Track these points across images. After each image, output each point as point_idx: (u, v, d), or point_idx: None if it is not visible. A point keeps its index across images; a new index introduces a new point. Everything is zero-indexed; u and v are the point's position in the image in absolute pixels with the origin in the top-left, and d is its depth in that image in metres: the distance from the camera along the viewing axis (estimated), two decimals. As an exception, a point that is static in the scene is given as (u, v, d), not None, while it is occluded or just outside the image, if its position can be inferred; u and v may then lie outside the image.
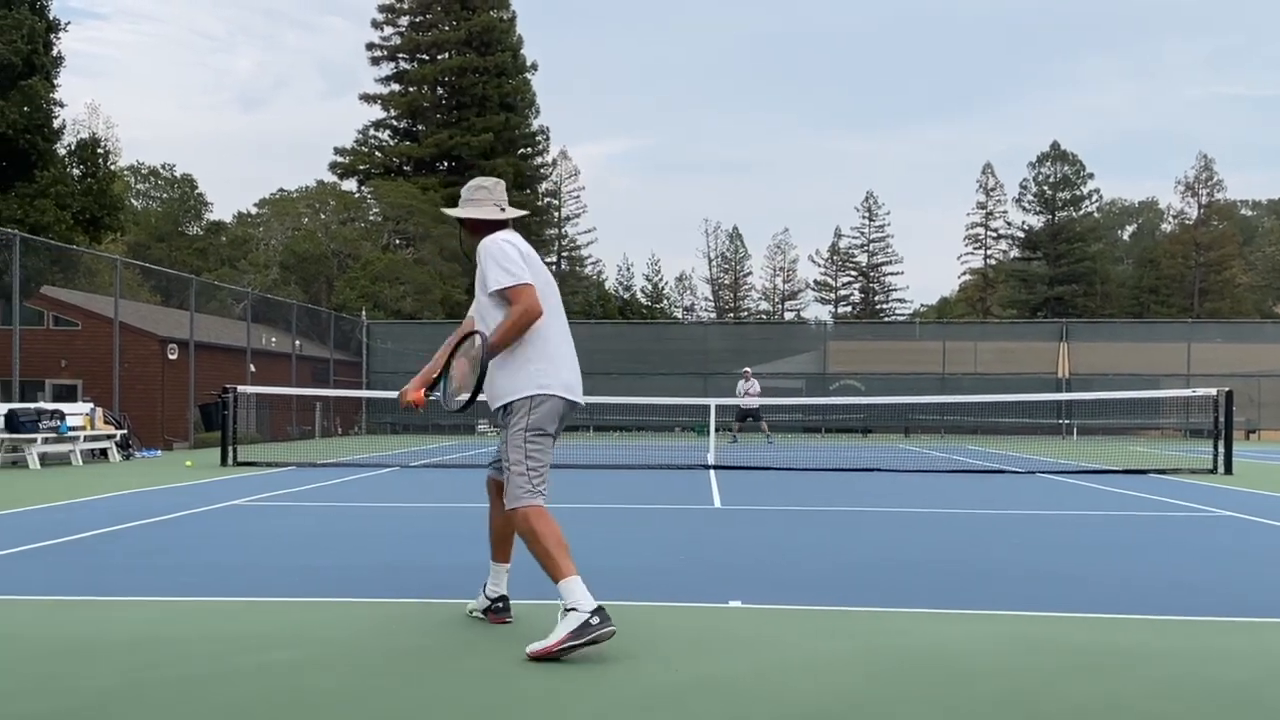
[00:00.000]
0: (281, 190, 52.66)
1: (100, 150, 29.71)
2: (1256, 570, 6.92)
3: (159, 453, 20.72)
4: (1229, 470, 15.39)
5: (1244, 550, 7.87)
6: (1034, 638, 4.68)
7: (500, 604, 4.92)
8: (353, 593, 5.75)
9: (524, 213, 5.04)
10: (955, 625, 4.94)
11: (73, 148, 28.95)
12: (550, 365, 4.65)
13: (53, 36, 26.63)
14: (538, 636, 4.32)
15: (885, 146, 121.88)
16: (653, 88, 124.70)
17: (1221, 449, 15.75)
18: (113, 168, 32.29)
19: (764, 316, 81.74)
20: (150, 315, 28.34)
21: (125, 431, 18.90)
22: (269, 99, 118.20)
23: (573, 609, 4.26)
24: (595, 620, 4.23)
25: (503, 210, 4.94)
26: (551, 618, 4.34)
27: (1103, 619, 5.13)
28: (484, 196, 4.97)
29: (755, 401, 24.74)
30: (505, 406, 4.65)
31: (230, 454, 16.54)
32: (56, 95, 26.58)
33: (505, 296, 4.57)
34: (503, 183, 5.09)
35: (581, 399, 4.79)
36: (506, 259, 4.62)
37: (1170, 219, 79.84)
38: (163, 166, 68.75)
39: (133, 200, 61.67)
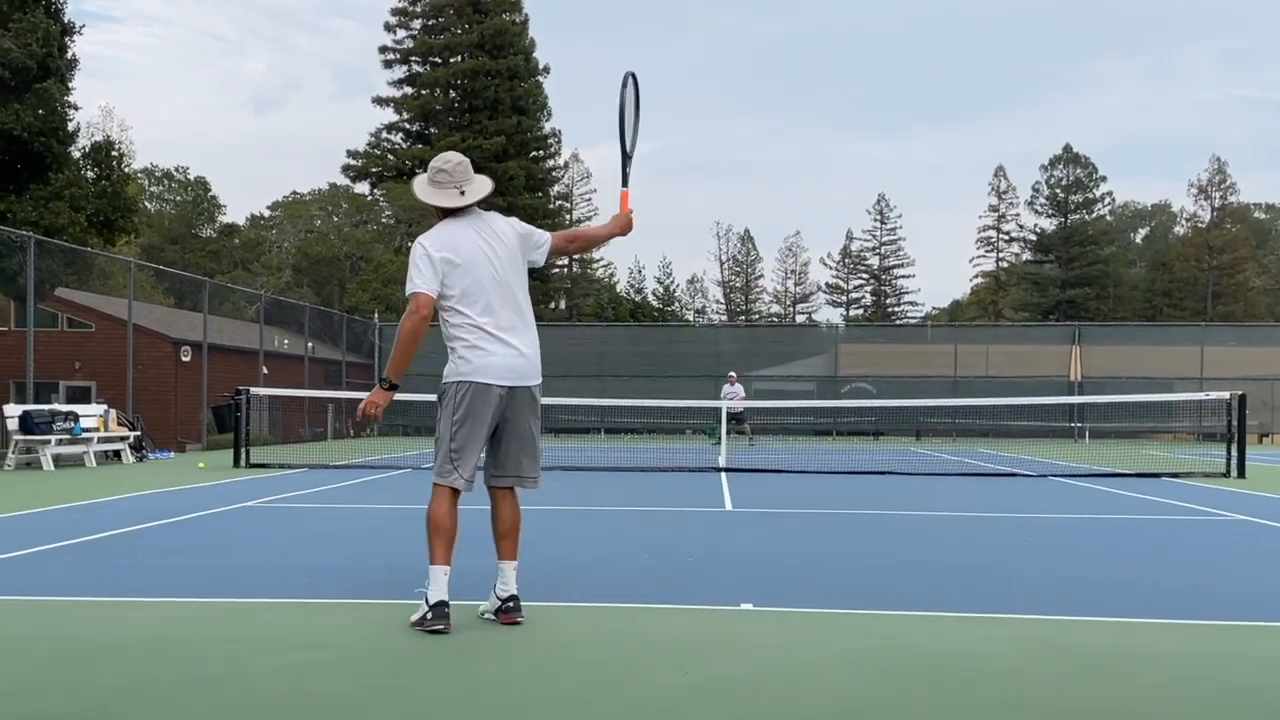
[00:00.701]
0: (294, 193, 52.95)
1: (114, 153, 29.81)
2: (1268, 574, 6.91)
3: (172, 454, 20.80)
4: (1242, 474, 15.34)
5: (1256, 554, 7.86)
6: (1043, 641, 4.68)
7: (510, 603, 4.93)
8: (366, 594, 5.78)
9: (483, 194, 5.04)
10: (965, 629, 4.95)
11: (87, 150, 29.06)
12: (473, 353, 4.88)
13: (67, 39, 26.73)
14: (549, 637, 4.33)
15: (897, 149, 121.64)
16: (664, 90, 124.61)
17: (1234, 452, 15.69)
18: (126, 170, 32.41)
19: (775, 319, 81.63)
20: (164, 317, 28.47)
21: (139, 433, 18.98)
22: (281, 101, 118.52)
23: (424, 594, 4.76)
24: (430, 615, 4.69)
25: (462, 194, 4.97)
26: (559, 617, 4.36)
27: (1112, 622, 5.14)
28: (444, 180, 5.01)
29: (740, 405, 24.76)
30: (440, 392, 5.00)
31: (243, 456, 16.60)
32: (71, 98, 26.66)
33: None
34: (466, 161, 5.07)
35: (505, 381, 4.86)
36: (414, 264, 4.93)
37: (1183, 222, 79.48)
38: (176, 169, 69.05)
39: (146, 203, 61.90)
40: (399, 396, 5.52)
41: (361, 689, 3.86)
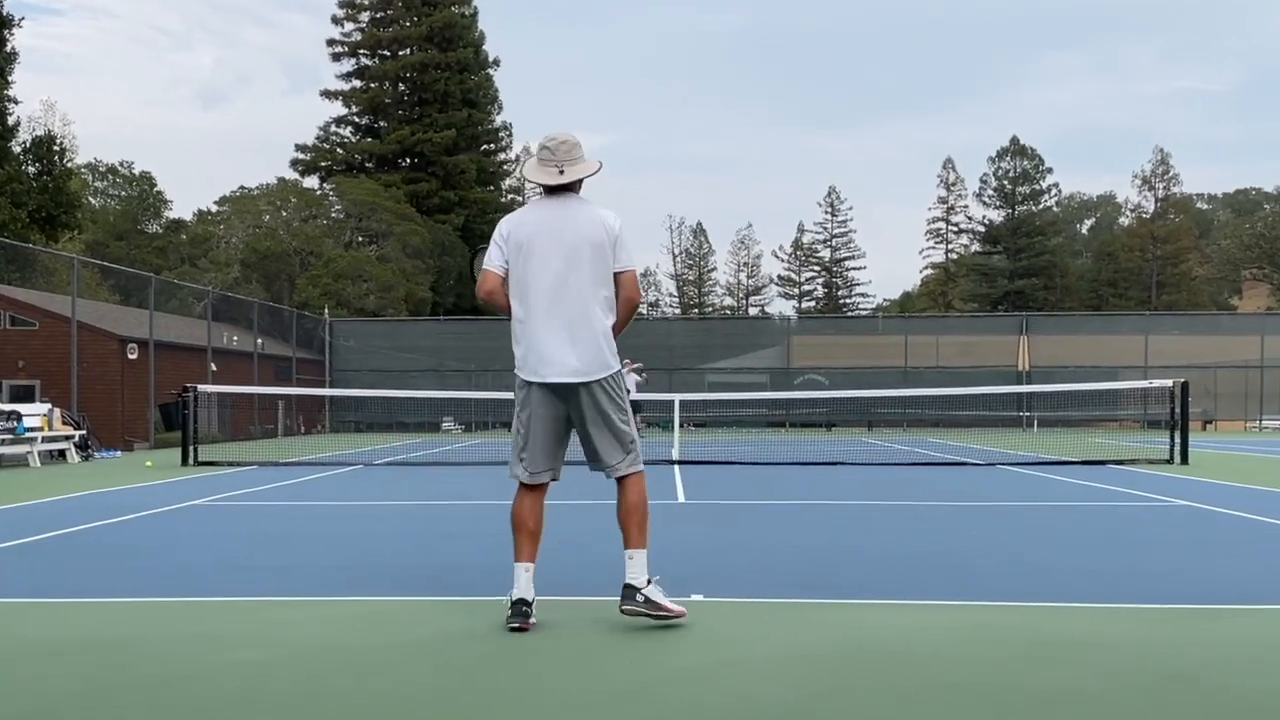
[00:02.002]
0: (242, 188, 52.27)
1: (56, 147, 29.37)
2: (1210, 559, 7.04)
3: (119, 453, 20.52)
4: (1185, 460, 15.61)
5: (1198, 539, 8.00)
6: (990, 627, 4.74)
7: (624, 590, 4.77)
8: (316, 592, 5.74)
9: (583, 175, 4.89)
10: (915, 616, 5.00)
11: (28, 145, 28.59)
12: (520, 349, 4.87)
13: (6, 32, 26.27)
14: (499, 631, 4.31)
15: (848, 142, 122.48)
16: (616, 85, 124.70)
17: (1178, 440, 15.96)
18: (69, 165, 31.92)
19: (728, 312, 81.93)
20: (109, 314, 28.04)
21: (84, 432, 18.70)
22: (229, 96, 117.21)
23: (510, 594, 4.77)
24: (509, 613, 4.67)
25: (561, 173, 4.86)
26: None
27: (1059, 608, 5.21)
28: (546, 158, 4.91)
29: (642, 397, 24.79)
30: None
31: (191, 454, 16.41)
32: (11, 92, 26.23)
33: None
34: (575, 143, 4.92)
35: (552, 378, 4.78)
36: (491, 241, 4.93)
37: (1128, 213, 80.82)
38: (121, 164, 68.06)
39: (90, 198, 60.98)
40: (351, 392, 5.48)
41: (312, 687, 3.83)
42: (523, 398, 4.89)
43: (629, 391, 5.11)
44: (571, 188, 4.91)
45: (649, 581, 4.76)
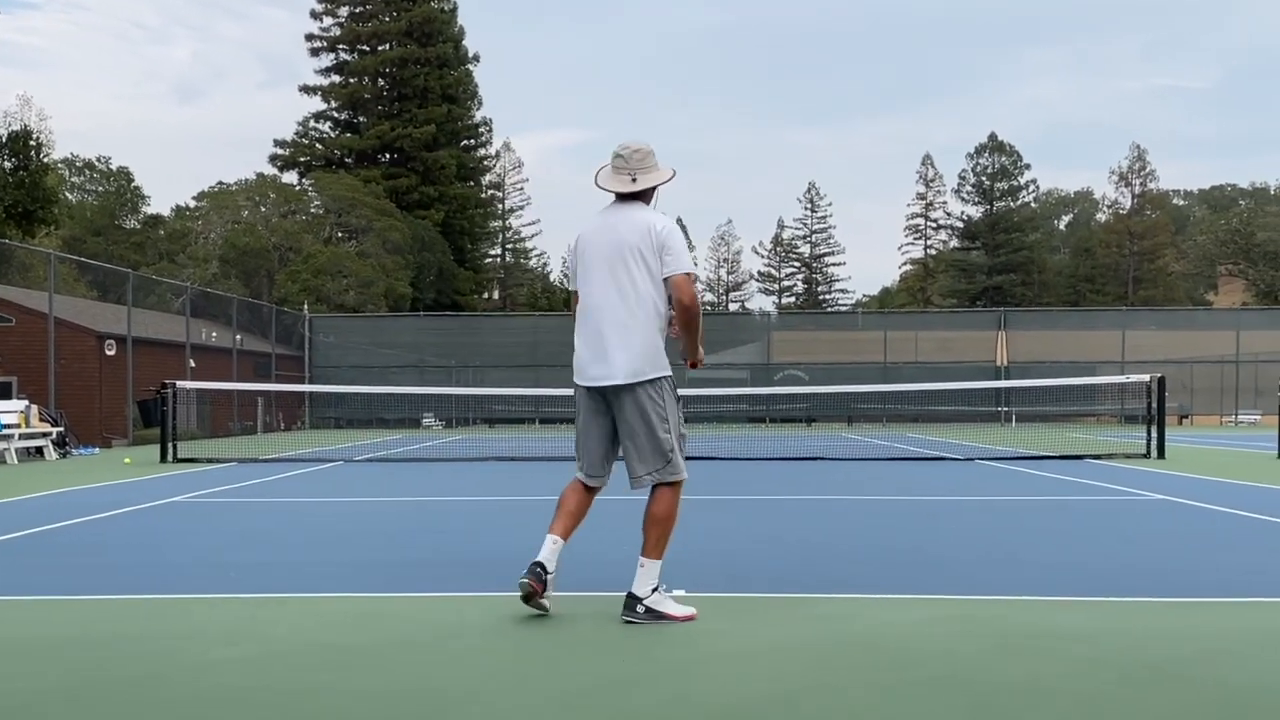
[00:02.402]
0: (221, 183, 51.97)
1: (32, 143, 29.15)
2: (1186, 552, 7.11)
3: (97, 450, 20.41)
4: (1161, 455, 15.73)
5: (1174, 533, 8.08)
6: (970, 620, 4.78)
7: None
8: (297, 589, 5.73)
9: (652, 184, 4.93)
10: (894, 610, 5.04)
11: (4, 140, 28.36)
12: (574, 352, 4.99)
13: (-19, 27, 26.00)
14: (482, 625, 4.32)
15: (827, 138, 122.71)
16: (596, 80, 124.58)
17: (1154, 434, 16.08)
18: (46, 160, 31.68)
19: (708, 307, 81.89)
20: (87, 310, 27.86)
21: (62, 429, 18.59)
22: (207, 90, 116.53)
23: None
24: (524, 576, 4.76)
25: (633, 180, 4.89)
26: (492, 606, 4.36)
27: (1036, 601, 5.26)
28: (620, 166, 4.92)
29: None
30: None
31: (170, 450, 16.34)
32: (-14, 87, 25.98)
33: None
34: (648, 151, 4.93)
35: (594, 382, 4.88)
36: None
37: (1105, 209, 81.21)
38: (98, 159, 67.50)
39: (67, 194, 60.51)
40: (331, 388, 5.49)
41: (290, 685, 3.83)
42: (577, 401, 5.04)
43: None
44: (640, 196, 4.94)
45: (653, 590, 4.76)
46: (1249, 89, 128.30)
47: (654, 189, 4.96)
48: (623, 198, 4.92)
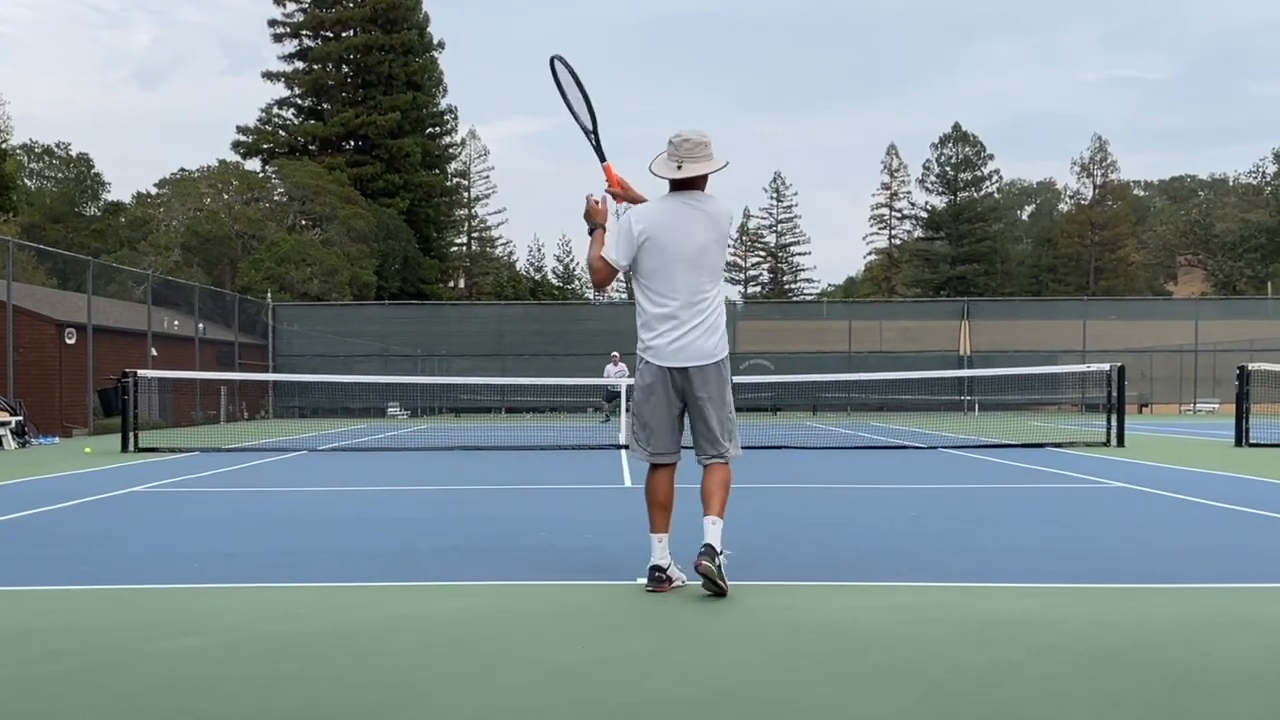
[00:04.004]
0: (183, 170, 51.36)
1: (-11, 128, 28.70)
2: (1144, 538, 7.21)
3: (57, 440, 20.18)
4: (1121, 443, 15.91)
5: (1133, 520, 8.18)
6: (930, 607, 4.83)
7: (702, 548, 4.91)
8: (260, 578, 5.71)
9: (703, 171, 5.08)
10: (854, 597, 5.08)
11: (-40, 126, 27.92)
12: (649, 333, 5.10)
13: (-64, 10, 25.60)
14: (450, 616, 4.32)
15: (793, 128, 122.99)
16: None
17: (1114, 423, 16.26)
18: (4, 147, 31.24)
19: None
20: (46, 298, 27.50)
21: (21, 418, 18.37)
22: (168, 76, 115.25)
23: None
24: (649, 584, 5.07)
25: (679, 168, 5.04)
26: (459, 596, 4.36)
27: (996, 588, 5.32)
28: (672, 153, 5.07)
29: (625, 382, 25.17)
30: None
31: (131, 440, 16.18)
32: (-59, 71, 25.57)
33: None
34: (703, 141, 5.07)
35: (688, 362, 5.02)
36: (618, 230, 5.16)
37: (1067, 199, 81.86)
38: (57, 145, 66.59)
39: (26, 180, 59.68)
40: (294, 377, 5.47)
41: (253, 674, 3.82)
42: (649, 383, 5.12)
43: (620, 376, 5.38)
44: (696, 183, 5.10)
45: (722, 552, 4.92)
46: (1208, 80, 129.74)
47: (706, 176, 5.12)
48: (677, 185, 5.09)
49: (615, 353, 27.82)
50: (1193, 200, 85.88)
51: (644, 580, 5.18)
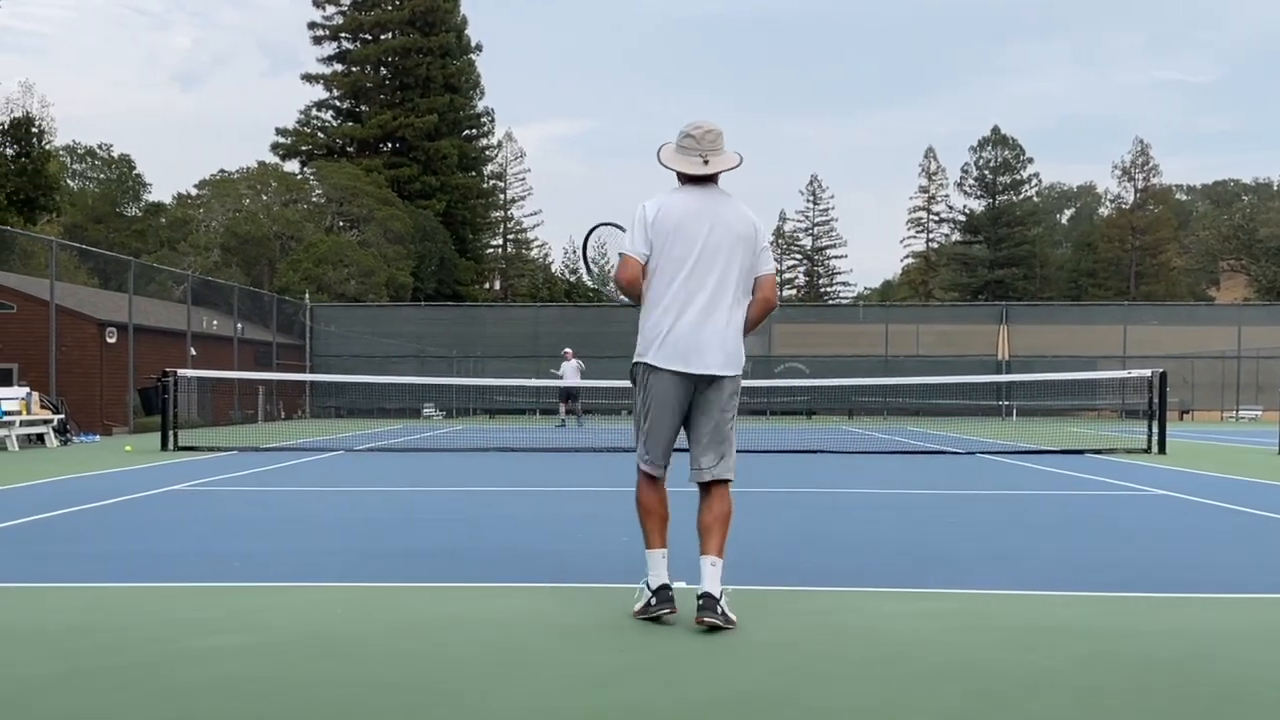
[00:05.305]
0: (222, 171, 51.91)
1: (34, 130, 29.11)
2: (1187, 548, 7.11)
3: (98, 438, 20.42)
4: (1163, 450, 15.71)
5: (1175, 528, 8.07)
6: (970, 614, 4.78)
7: (699, 600, 4.56)
8: (298, 578, 5.73)
9: (727, 167, 4.72)
10: (893, 604, 5.04)
11: (6, 127, 28.32)
12: (649, 334, 4.69)
13: (-17, 13, 25.98)
14: (482, 618, 4.32)
15: (830, 131, 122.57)
16: (599, 71, 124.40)
17: (1156, 429, 16.06)
18: (47, 148, 31.64)
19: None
20: (88, 298, 27.84)
21: (63, 416, 18.59)
22: (208, 78, 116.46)
23: (645, 581, 4.71)
24: (654, 600, 4.59)
25: (705, 163, 4.66)
26: (495, 599, 4.36)
27: (1037, 595, 5.26)
28: (690, 146, 4.69)
29: (577, 381, 25.01)
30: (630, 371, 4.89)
31: (171, 439, 16.33)
32: (-12, 73, 25.95)
33: None
34: (719, 132, 4.72)
35: (696, 369, 4.63)
36: (632, 223, 4.72)
37: (1108, 203, 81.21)
38: (99, 146, 67.47)
39: (69, 181, 60.47)
40: (331, 378, 5.45)
41: (291, 674, 3.83)
42: (649, 384, 4.72)
43: (562, 378, 5.12)
44: (714, 179, 4.75)
45: (722, 594, 4.57)
46: (1253, 83, 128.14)
47: (718, 174, 4.76)
48: (692, 179, 4.71)
49: (568, 349, 27.55)
50: (1236, 205, 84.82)
51: (681, 583, 5.09)
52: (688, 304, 4.61)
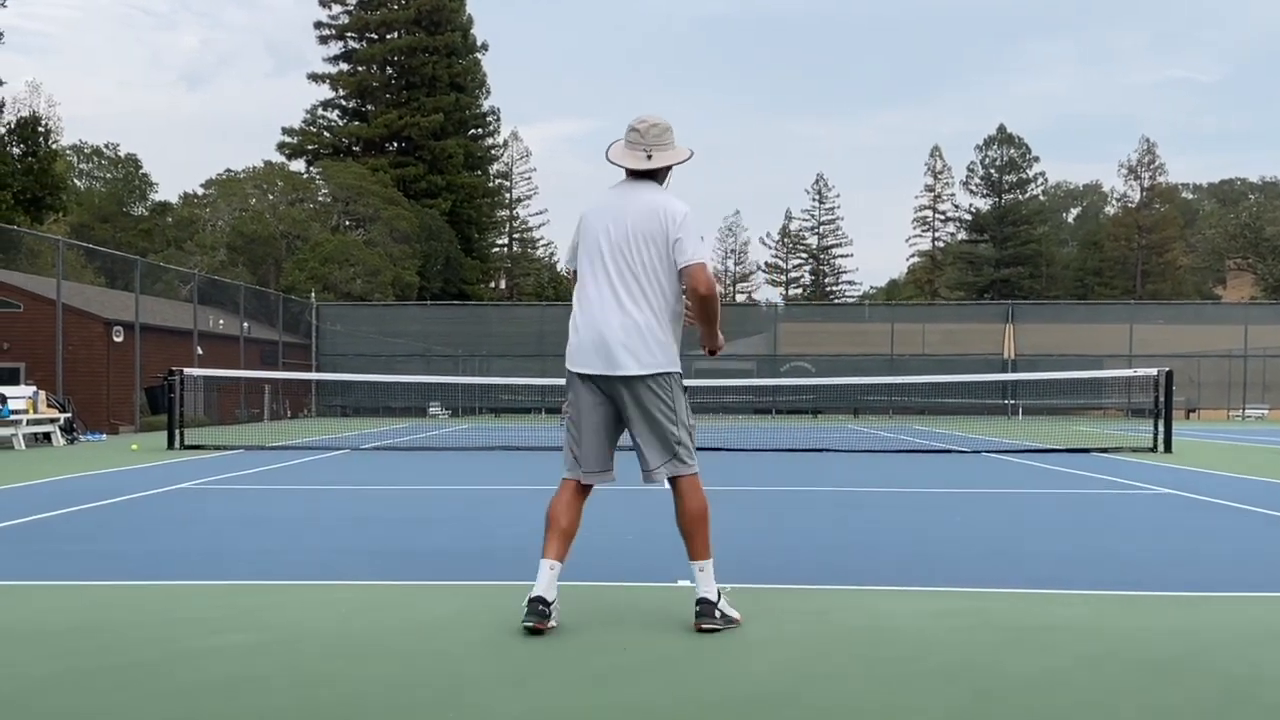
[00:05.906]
0: (228, 170, 51.99)
1: (41, 129, 29.16)
2: (1193, 546, 7.09)
3: (104, 436, 20.45)
4: (1169, 449, 15.69)
5: (1181, 527, 8.05)
6: (975, 613, 4.77)
7: (697, 607, 4.47)
8: (303, 576, 5.74)
9: (671, 162, 4.57)
10: (898, 602, 5.03)
11: (12, 126, 28.37)
12: (572, 336, 4.58)
13: (-10, 13, 26.04)
14: (488, 617, 4.32)
15: (836, 130, 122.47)
16: (604, 70, 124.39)
17: (1162, 428, 16.04)
18: (54, 147, 31.69)
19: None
20: (95, 297, 27.91)
21: (69, 415, 18.63)
22: (214, 78, 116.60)
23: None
24: (525, 609, 4.36)
25: (649, 158, 4.52)
26: (499, 596, 4.35)
27: (1042, 594, 5.24)
28: (634, 140, 4.54)
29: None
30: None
31: (177, 437, 16.36)
32: (-6, 73, 26.00)
33: None
34: (665, 126, 4.56)
35: (596, 370, 4.48)
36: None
37: (1114, 202, 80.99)
38: (106, 146, 67.64)
39: (75, 180, 60.60)
40: (337, 376, 5.43)
41: (296, 673, 3.83)
42: (571, 390, 4.62)
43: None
44: (655, 175, 4.58)
45: (719, 594, 4.49)
46: (1259, 82, 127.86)
47: (669, 169, 4.61)
48: (635, 175, 4.56)
49: None
50: (1242, 203, 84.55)
51: (684, 581, 5.08)
52: (591, 305, 4.49)
